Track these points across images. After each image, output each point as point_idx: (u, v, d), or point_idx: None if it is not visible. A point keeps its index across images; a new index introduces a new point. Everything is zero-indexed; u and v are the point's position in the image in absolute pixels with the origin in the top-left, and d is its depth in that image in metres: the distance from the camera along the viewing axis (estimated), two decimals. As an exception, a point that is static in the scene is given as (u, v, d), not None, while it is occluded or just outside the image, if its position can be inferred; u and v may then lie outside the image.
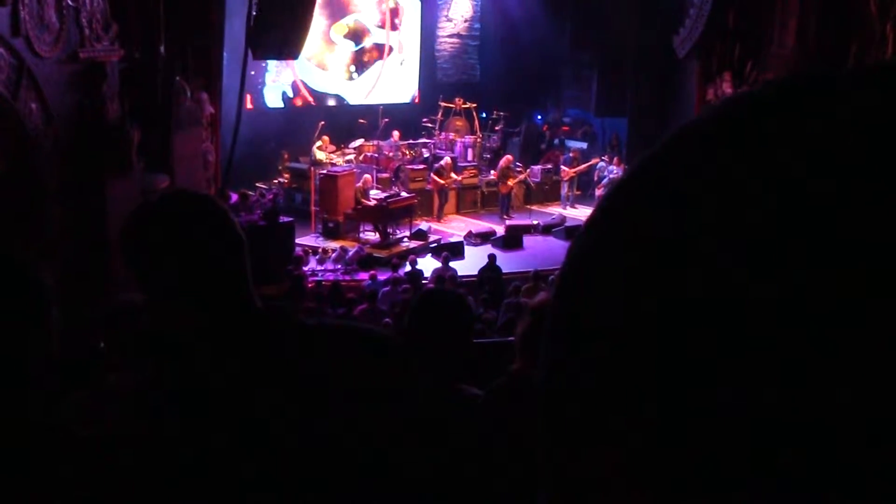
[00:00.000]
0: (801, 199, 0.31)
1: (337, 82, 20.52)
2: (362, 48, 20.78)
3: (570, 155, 19.22)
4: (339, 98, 20.51)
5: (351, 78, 20.71)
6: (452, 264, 13.47)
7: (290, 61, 17.44)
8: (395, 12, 21.20)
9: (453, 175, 17.61)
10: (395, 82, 21.46)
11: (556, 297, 0.38)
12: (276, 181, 17.67)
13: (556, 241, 15.94)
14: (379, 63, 21.11)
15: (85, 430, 1.43)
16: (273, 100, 19.56)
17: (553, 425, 0.37)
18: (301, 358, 1.53)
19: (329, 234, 15.79)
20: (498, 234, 16.12)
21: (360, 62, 20.84)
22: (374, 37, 20.93)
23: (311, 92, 20.18)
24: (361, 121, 18.71)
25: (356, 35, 20.61)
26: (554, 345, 0.37)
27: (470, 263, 14.19)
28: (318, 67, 20.02)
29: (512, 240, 15.86)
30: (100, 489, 1.42)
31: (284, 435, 1.45)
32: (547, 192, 19.01)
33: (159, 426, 1.50)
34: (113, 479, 1.45)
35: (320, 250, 14.83)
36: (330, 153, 17.81)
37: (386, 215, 15.58)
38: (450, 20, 22.13)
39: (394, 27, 21.23)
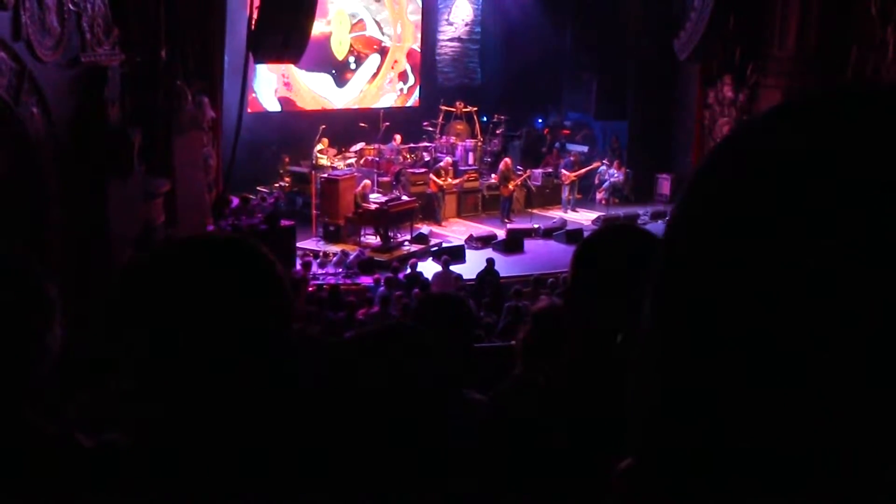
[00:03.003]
0: None
1: (327, 83, 20.19)
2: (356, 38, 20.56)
3: (571, 159, 19.20)
4: (326, 99, 20.18)
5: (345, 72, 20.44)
6: (453, 268, 13.46)
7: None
8: (397, 12, 21.19)
9: (449, 179, 17.61)
10: (393, 85, 21.42)
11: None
12: (276, 185, 17.65)
13: (557, 245, 15.92)
14: (376, 57, 20.96)
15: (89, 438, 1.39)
16: (267, 96, 19.28)
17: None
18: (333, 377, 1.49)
19: (330, 237, 15.79)
20: (499, 238, 16.11)
21: (356, 55, 20.64)
22: (370, 31, 20.76)
23: (303, 89, 19.82)
24: (362, 125, 18.69)
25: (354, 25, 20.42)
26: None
27: (471, 267, 14.17)
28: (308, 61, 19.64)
29: (513, 243, 15.85)
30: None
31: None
32: (548, 195, 19.02)
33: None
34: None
35: (321, 254, 14.83)
36: (331, 157, 17.82)
37: (387, 219, 15.58)
38: (450, 24, 22.12)
39: (399, 39, 21.22)
